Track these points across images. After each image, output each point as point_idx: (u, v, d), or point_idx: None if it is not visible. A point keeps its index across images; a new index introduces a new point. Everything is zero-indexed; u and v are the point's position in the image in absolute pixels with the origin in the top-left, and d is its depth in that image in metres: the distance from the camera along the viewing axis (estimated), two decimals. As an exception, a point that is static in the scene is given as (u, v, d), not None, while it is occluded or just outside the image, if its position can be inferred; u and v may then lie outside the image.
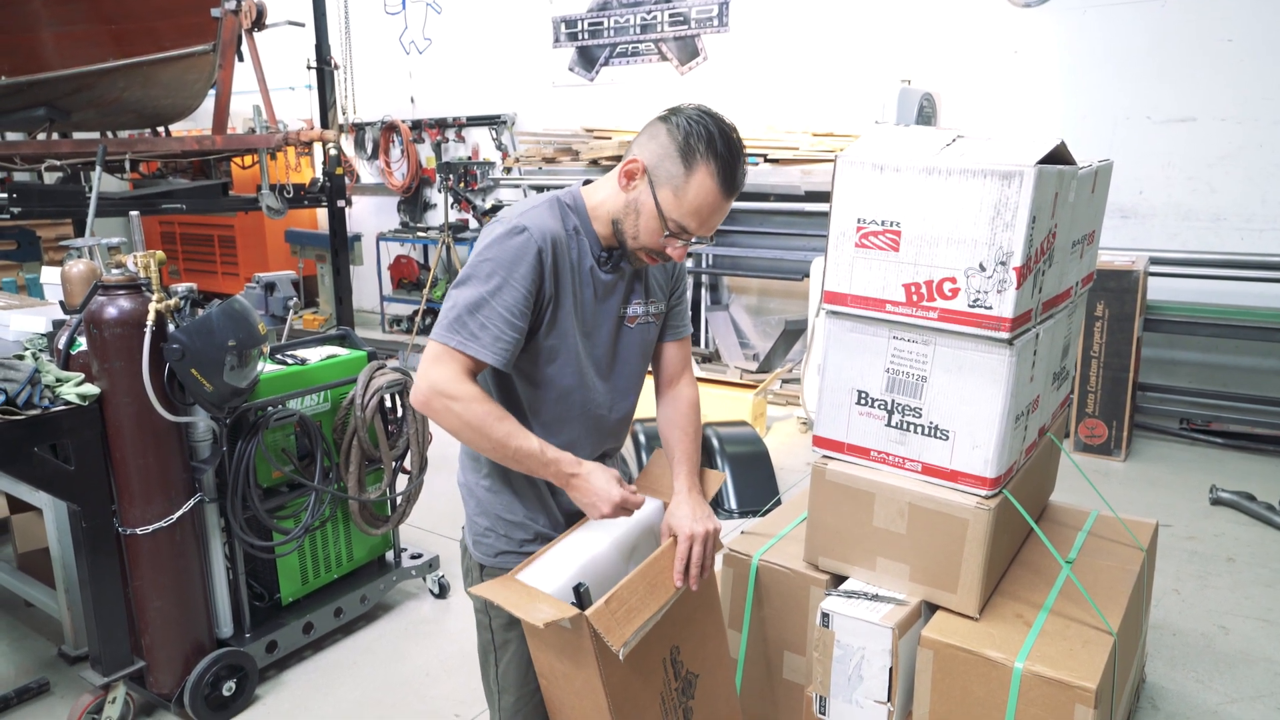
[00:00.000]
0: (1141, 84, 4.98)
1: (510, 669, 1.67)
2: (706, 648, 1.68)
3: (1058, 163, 1.73)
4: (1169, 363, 5.11)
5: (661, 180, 1.45)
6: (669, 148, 1.44)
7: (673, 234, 1.47)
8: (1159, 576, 3.13)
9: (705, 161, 1.41)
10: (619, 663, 1.42)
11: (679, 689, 1.61)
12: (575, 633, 1.41)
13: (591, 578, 1.49)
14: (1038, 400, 1.96)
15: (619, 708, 1.45)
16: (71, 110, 5.36)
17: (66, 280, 2.47)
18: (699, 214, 1.45)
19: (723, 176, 1.42)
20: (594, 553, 1.54)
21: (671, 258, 1.53)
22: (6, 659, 2.84)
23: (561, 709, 1.57)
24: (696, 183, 1.42)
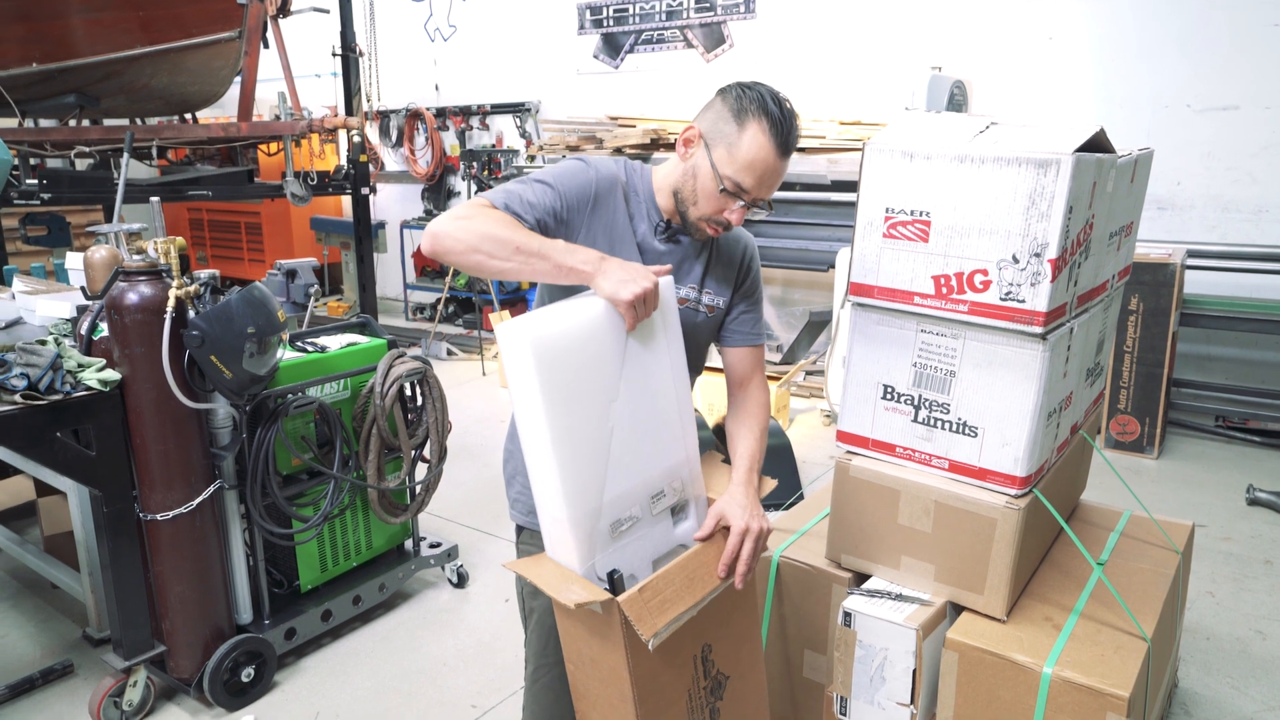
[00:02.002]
0: (1181, 71, 4.84)
1: (533, 637, 1.72)
2: (740, 650, 1.64)
3: (1096, 151, 1.67)
4: (1205, 358, 4.98)
5: (716, 141, 1.49)
6: (723, 111, 1.50)
7: (729, 193, 1.49)
8: (1193, 578, 3.05)
9: (757, 119, 1.46)
10: (647, 653, 1.40)
11: (708, 688, 1.58)
12: (605, 618, 1.39)
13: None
14: (1070, 397, 1.90)
15: (643, 699, 1.43)
16: (101, 97, 5.40)
17: (89, 266, 2.47)
18: (753, 169, 1.47)
19: (775, 132, 1.46)
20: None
21: (731, 223, 1.53)
22: (33, 640, 2.87)
23: (586, 693, 1.55)
24: (749, 137, 1.46)
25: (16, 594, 3.16)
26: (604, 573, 1.42)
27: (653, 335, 1.47)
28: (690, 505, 1.57)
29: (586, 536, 1.40)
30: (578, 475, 1.38)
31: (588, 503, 1.40)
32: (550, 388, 1.33)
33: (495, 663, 2.75)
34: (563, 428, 1.35)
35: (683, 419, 1.53)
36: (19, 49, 4.89)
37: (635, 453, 1.45)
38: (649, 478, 1.48)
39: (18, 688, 2.56)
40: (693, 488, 1.57)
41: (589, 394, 1.39)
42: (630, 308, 1.37)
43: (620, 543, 1.46)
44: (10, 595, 3.15)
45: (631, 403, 1.44)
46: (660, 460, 1.50)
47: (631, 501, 1.46)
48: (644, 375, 1.46)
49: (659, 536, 1.52)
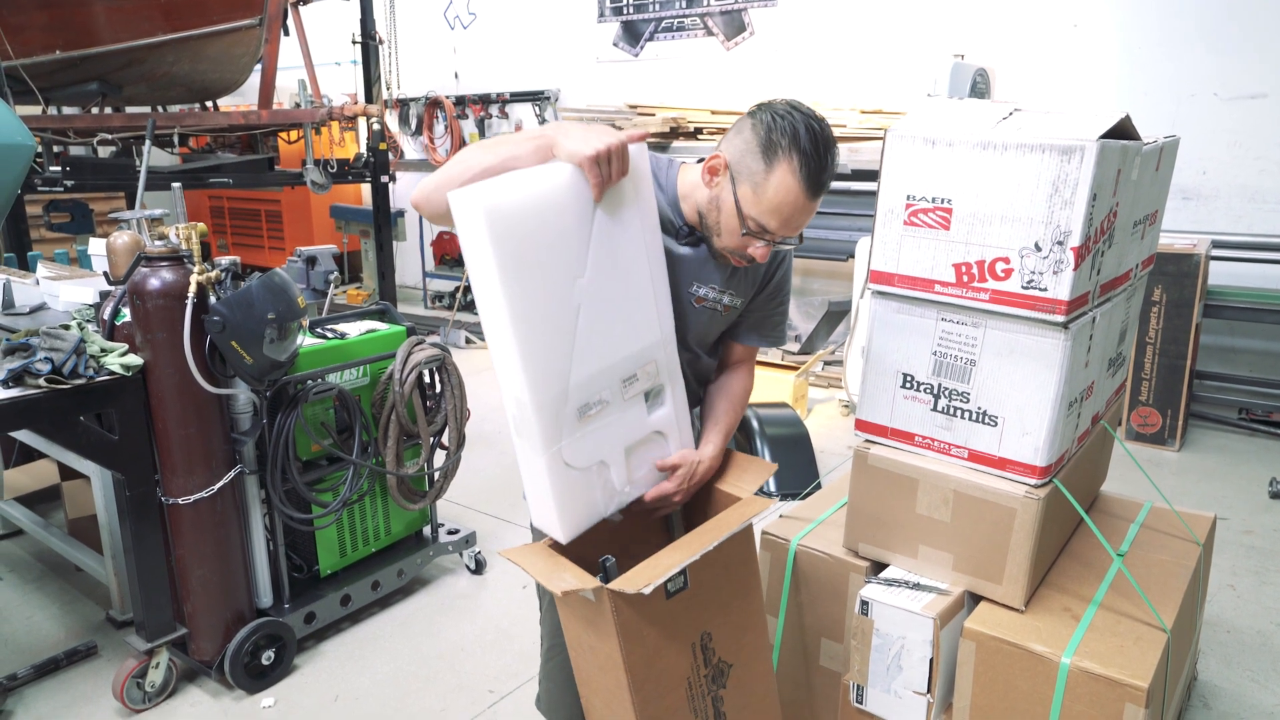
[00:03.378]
0: (1208, 59, 4.76)
1: (548, 617, 1.74)
2: (742, 639, 1.62)
3: (1121, 138, 1.64)
4: (1228, 350, 4.92)
5: (742, 177, 1.41)
6: (751, 143, 1.40)
7: (752, 233, 1.43)
8: (1214, 571, 3.02)
9: (787, 158, 1.36)
10: (641, 640, 1.39)
11: (708, 676, 1.56)
12: (597, 606, 1.37)
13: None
14: (1092, 387, 1.88)
15: (639, 686, 1.42)
16: (123, 84, 5.44)
17: (111, 251, 2.49)
18: (779, 212, 1.39)
19: (805, 173, 1.36)
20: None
21: (756, 259, 1.47)
22: (57, 621, 2.92)
23: (588, 679, 1.55)
24: (777, 179, 1.37)
25: (41, 576, 3.21)
26: (571, 458, 1.37)
27: (622, 207, 1.36)
28: (667, 391, 1.49)
29: (552, 420, 1.33)
30: (540, 355, 1.30)
31: (552, 385, 1.32)
32: (507, 260, 1.24)
33: (512, 648, 2.77)
34: (522, 304, 1.27)
35: (657, 299, 1.44)
36: (43, 37, 4.94)
37: (604, 334, 1.37)
38: (620, 360, 1.40)
39: (43, 668, 2.61)
40: (669, 372, 1.48)
41: (551, 268, 1.29)
42: (594, 164, 1.26)
43: (589, 428, 1.38)
44: (35, 577, 3.20)
45: (600, 279, 1.34)
46: (632, 342, 1.41)
47: (601, 385, 1.38)
48: (614, 250, 1.36)
49: (632, 422, 1.45)
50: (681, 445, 1.53)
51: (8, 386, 2.10)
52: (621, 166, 1.30)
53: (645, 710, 1.44)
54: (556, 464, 1.37)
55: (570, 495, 1.41)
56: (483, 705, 2.51)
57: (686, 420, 1.53)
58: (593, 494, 1.45)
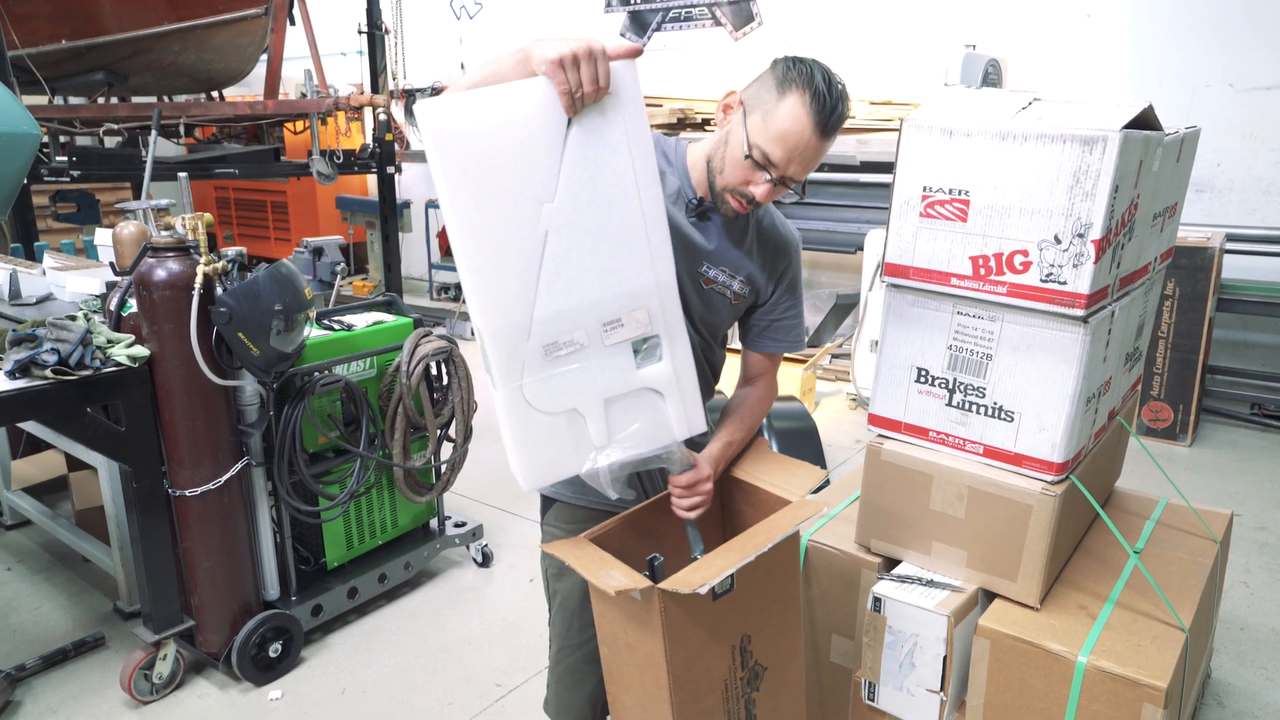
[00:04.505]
0: (1224, 50, 4.70)
1: (557, 619, 1.70)
2: (780, 642, 1.58)
3: (1143, 129, 1.61)
4: (1242, 345, 4.87)
5: (754, 108, 1.39)
6: (768, 80, 1.41)
7: (756, 162, 1.39)
8: (1227, 568, 3.00)
9: (799, 90, 1.35)
10: (685, 641, 1.36)
11: (744, 679, 1.53)
12: (644, 605, 1.33)
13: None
14: (1109, 382, 1.86)
15: (678, 686, 1.39)
16: (129, 74, 5.43)
17: (117, 242, 2.48)
18: (785, 140, 1.36)
19: (816, 107, 1.35)
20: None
21: (756, 197, 1.42)
22: (65, 613, 2.91)
23: (620, 677, 1.52)
24: (786, 108, 1.36)
25: (49, 567, 3.20)
26: (534, 399, 1.30)
27: (606, 130, 1.25)
28: (663, 345, 1.36)
29: (509, 353, 1.26)
30: (494, 280, 1.23)
31: (510, 315, 1.25)
32: (456, 177, 1.18)
33: (520, 642, 2.76)
34: (473, 224, 1.21)
35: (651, 240, 1.32)
36: (48, 26, 4.92)
37: (579, 268, 1.27)
38: (599, 300, 1.30)
39: (51, 658, 2.61)
40: (666, 326, 1.36)
41: (510, 189, 1.21)
42: (558, 68, 1.15)
43: (557, 369, 1.30)
44: (43, 568, 3.20)
45: (574, 208, 1.25)
46: (616, 282, 1.31)
47: (574, 324, 1.29)
48: (594, 178, 1.26)
49: (615, 374, 1.34)
50: (685, 410, 1.40)
51: (14, 378, 2.09)
52: (594, 75, 1.18)
53: (682, 711, 1.40)
54: (516, 402, 1.29)
55: (534, 441, 1.33)
56: (490, 699, 2.50)
57: (692, 383, 1.40)
58: (562, 445, 1.34)
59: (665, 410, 1.39)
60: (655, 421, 1.39)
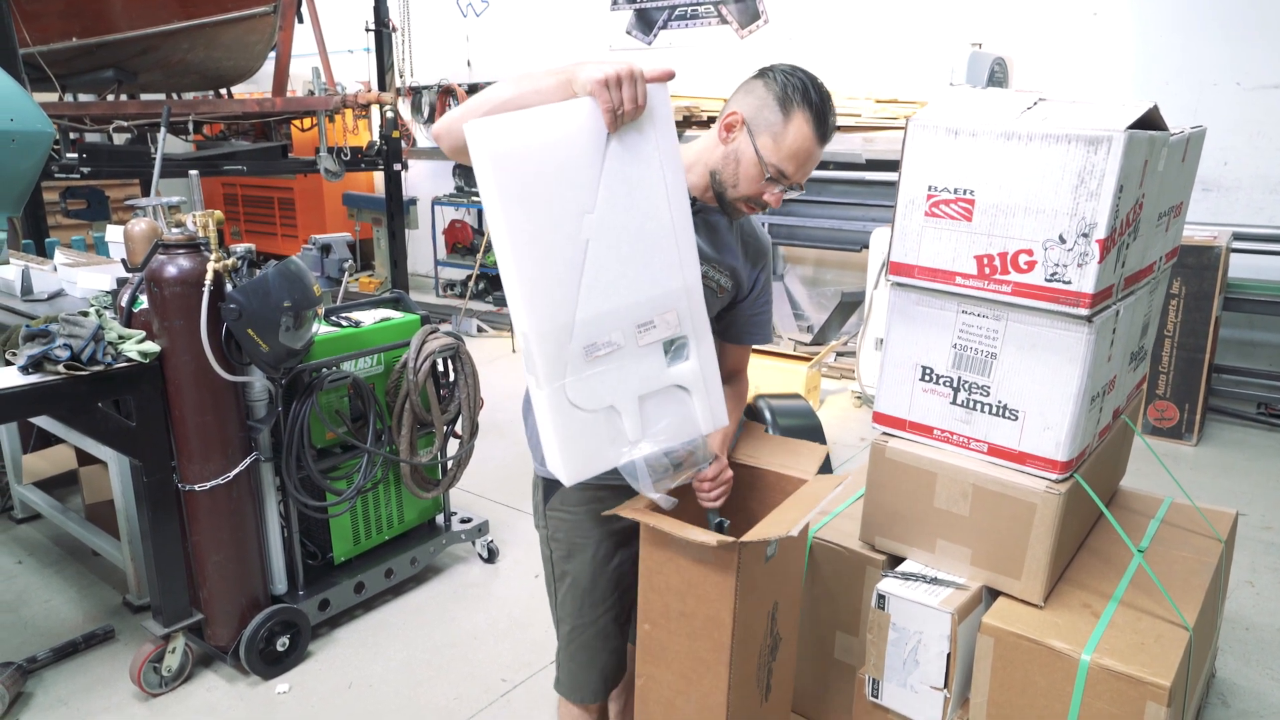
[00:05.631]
0: (1231, 48, 4.69)
1: (567, 599, 1.75)
2: (791, 615, 1.69)
3: (1148, 129, 1.62)
4: (1248, 344, 4.87)
5: (760, 129, 1.50)
6: (767, 99, 1.50)
7: (772, 179, 1.52)
8: (1233, 568, 2.99)
9: (801, 109, 1.48)
10: (746, 600, 1.47)
11: (769, 647, 1.62)
12: (716, 564, 1.46)
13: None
14: (1114, 381, 1.86)
15: (738, 646, 1.49)
16: (138, 72, 5.45)
17: (129, 239, 2.50)
18: (796, 158, 1.50)
19: (817, 122, 1.49)
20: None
21: (770, 204, 1.56)
22: (75, 605, 2.94)
23: (662, 653, 1.58)
24: (794, 128, 1.48)
25: (59, 560, 3.23)
26: (576, 397, 1.38)
27: (640, 146, 1.35)
28: (691, 345, 1.46)
29: (554, 354, 1.34)
30: (543, 287, 1.31)
31: (555, 318, 1.33)
32: (510, 193, 1.27)
33: (525, 637, 2.77)
34: (524, 236, 1.28)
35: (680, 247, 1.42)
36: (59, 24, 4.95)
37: (616, 273, 1.37)
38: (634, 303, 1.39)
39: (61, 651, 2.63)
40: (694, 326, 1.46)
41: (557, 201, 1.30)
42: (603, 88, 1.26)
43: (596, 369, 1.38)
44: (53, 561, 3.23)
45: (612, 218, 1.35)
46: (649, 287, 1.40)
47: (611, 326, 1.38)
48: (630, 190, 1.36)
49: (648, 372, 1.43)
50: (710, 406, 1.50)
51: (27, 372, 2.11)
52: (634, 95, 1.29)
53: (735, 672, 1.49)
54: (560, 400, 1.37)
55: (575, 437, 1.40)
56: (496, 694, 2.52)
57: (716, 380, 1.50)
58: (600, 440, 1.42)
59: (693, 406, 1.48)
60: (683, 416, 1.49)
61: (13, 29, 4.11)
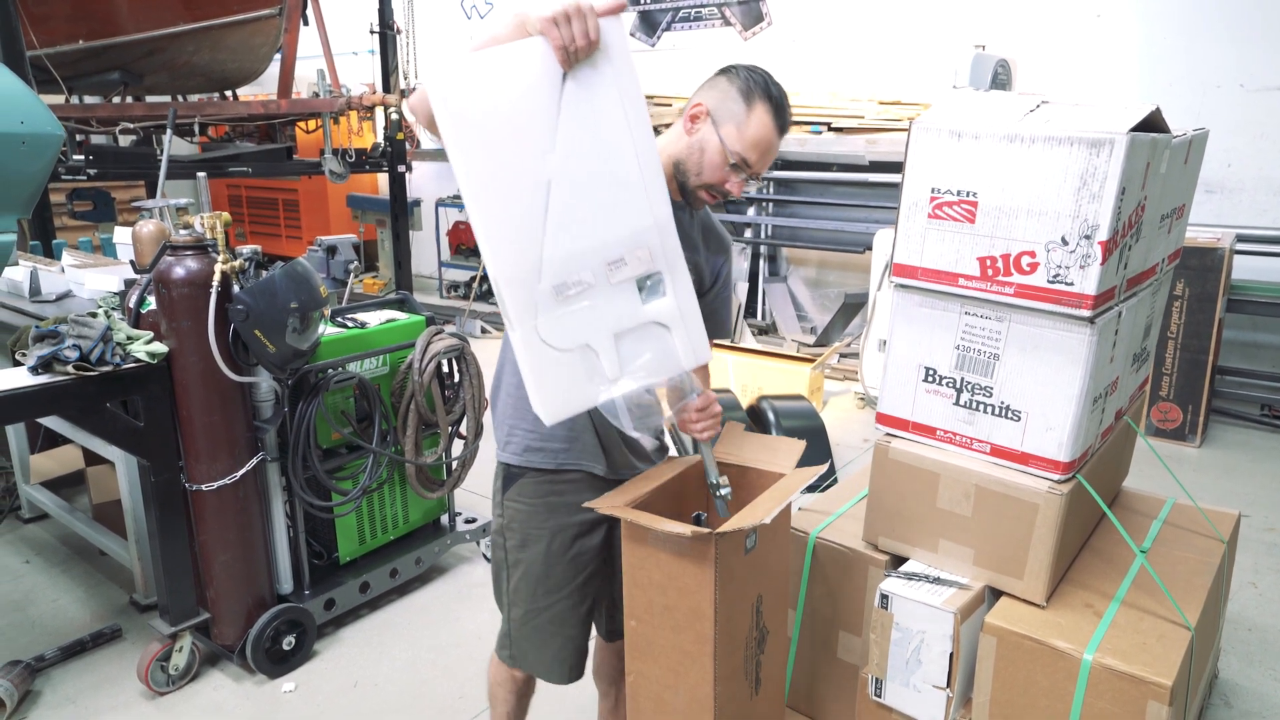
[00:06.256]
0: (1234, 49, 4.69)
1: (521, 585, 1.78)
2: (778, 607, 1.70)
3: (1151, 131, 1.63)
4: (1252, 346, 4.87)
5: (724, 119, 1.58)
6: (730, 91, 1.59)
7: (735, 166, 1.59)
8: (1235, 569, 2.99)
9: (763, 101, 1.57)
10: (726, 591, 1.49)
11: (756, 639, 1.64)
12: (695, 555, 1.48)
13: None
14: (1116, 382, 1.87)
15: (720, 637, 1.51)
16: (144, 74, 5.48)
17: (137, 240, 2.52)
18: (758, 146, 1.58)
19: (776, 114, 1.58)
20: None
21: (731, 193, 1.63)
22: (83, 605, 2.96)
23: (649, 650, 1.60)
24: (756, 118, 1.57)
25: (66, 559, 3.25)
26: (549, 337, 1.39)
27: (598, 83, 1.33)
28: (666, 281, 1.45)
29: (524, 296, 1.36)
30: (506, 229, 1.33)
31: (521, 259, 1.34)
32: (465, 135, 1.28)
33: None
34: (483, 177, 1.30)
35: (647, 183, 1.40)
36: (66, 27, 4.98)
37: (582, 212, 1.36)
38: (602, 241, 1.39)
39: (69, 650, 2.65)
40: (667, 262, 1.44)
41: (514, 141, 1.30)
42: (551, 25, 1.26)
43: (569, 308, 1.39)
44: (60, 560, 3.24)
45: (574, 157, 1.34)
46: (617, 224, 1.40)
47: (580, 265, 1.38)
48: (590, 127, 1.34)
49: (623, 309, 1.43)
50: (691, 340, 1.49)
51: (37, 373, 2.13)
52: (585, 30, 1.28)
53: (720, 663, 1.52)
54: (533, 341, 1.38)
55: (552, 376, 1.41)
56: (501, 693, 2.53)
57: (695, 315, 1.48)
58: (578, 379, 1.43)
59: (672, 341, 1.48)
60: (663, 353, 1.48)
61: (20, 31, 4.14)
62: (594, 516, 1.72)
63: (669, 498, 1.70)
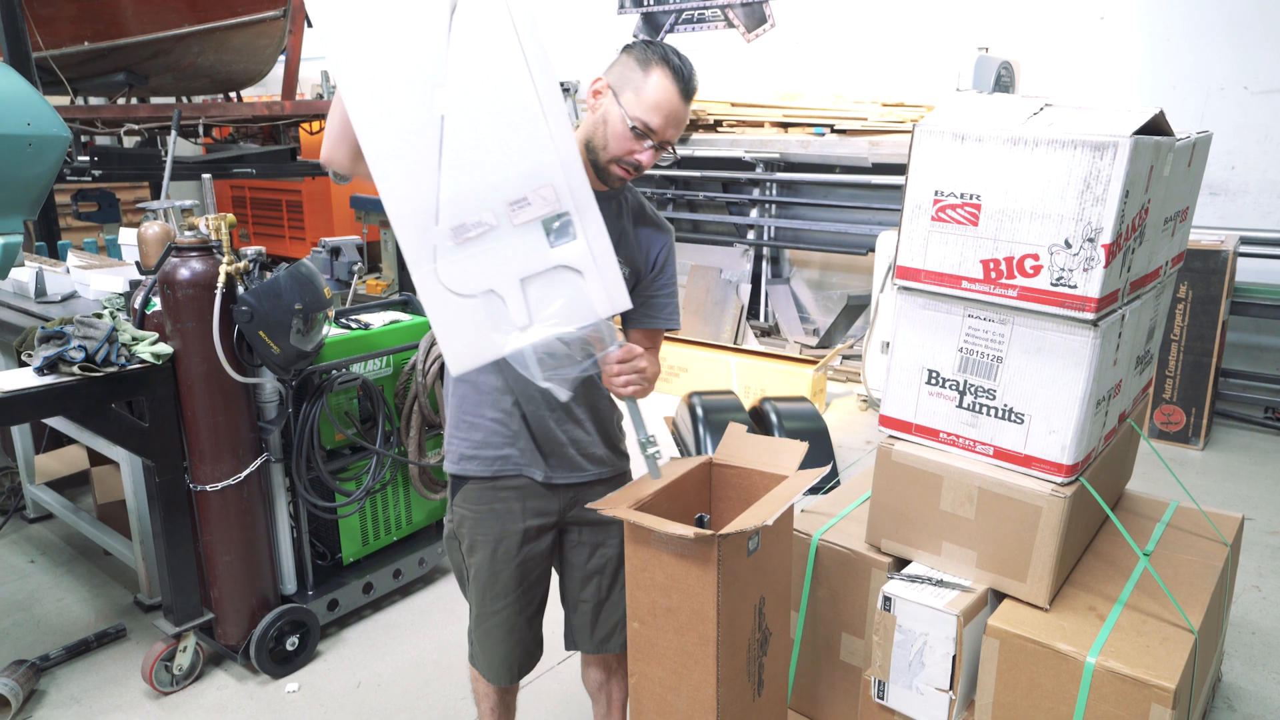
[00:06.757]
0: (1238, 51, 4.69)
1: (473, 589, 1.81)
2: (781, 609, 1.71)
3: (1154, 134, 1.63)
4: (1255, 348, 4.86)
5: (623, 88, 1.58)
6: (628, 63, 1.60)
7: (638, 133, 1.56)
8: (1239, 572, 2.99)
9: (660, 65, 1.56)
10: (729, 593, 1.50)
11: (759, 641, 1.64)
12: (698, 557, 1.49)
13: None
14: (1120, 385, 1.87)
15: (723, 640, 1.51)
16: (149, 75, 5.49)
17: (142, 241, 2.53)
18: (659, 109, 1.56)
19: (677, 77, 1.56)
20: None
21: (642, 164, 1.59)
22: (87, 605, 2.97)
23: (651, 652, 1.61)
24: (654, 82, 1.56)
25: (70, 559, 3.26)
26: (449, 281, 1.35)
27: (488, 13, 1.30)
28: (575, 223, 1.38)
29: (419, 236, 1.32)
30: (397, 164, 1.29)
31: (415, 197, 1.31)
32: (349, 66, 1.26)
33: (532, 638, 2.78)
34: (373, 109, 1.27)
35: (549, 119, 1.34)
36: (71, 28, 4.99)
37: (478, 148, 1.32)
38: (501, 179, 1.34)
39: (74, 649, 2.66)
40: (576, 202, 1.37)
41: (401, 72, 1.28)
42: None
43: (469, 251, 1.34)
44: (65, 560, 3.25)
45: (466, 89, 1.30)
46: (517, 161, 1.34)
47: (480, 205, 1.33)
48: (482, 59, 1.30)
49: (529, 253, 1.37)
50: (606, 286, 1.41)
51: (43, 374, 2.13)
52: None
53: (723, 665, 1.52)
54: (432, 285, 1.34)
55: (456, 324, 1.37)
56: (503, 694, 2.53)
57: (610, 260, 1.41)
58: (483, 327, 1.38)
59: (585, 287, 1.41)
60: (576, 299, 1.41)
61: (26, 33, 4.15)
62: (539, 522, 1.74)
63: (672, 499, 1.70)
